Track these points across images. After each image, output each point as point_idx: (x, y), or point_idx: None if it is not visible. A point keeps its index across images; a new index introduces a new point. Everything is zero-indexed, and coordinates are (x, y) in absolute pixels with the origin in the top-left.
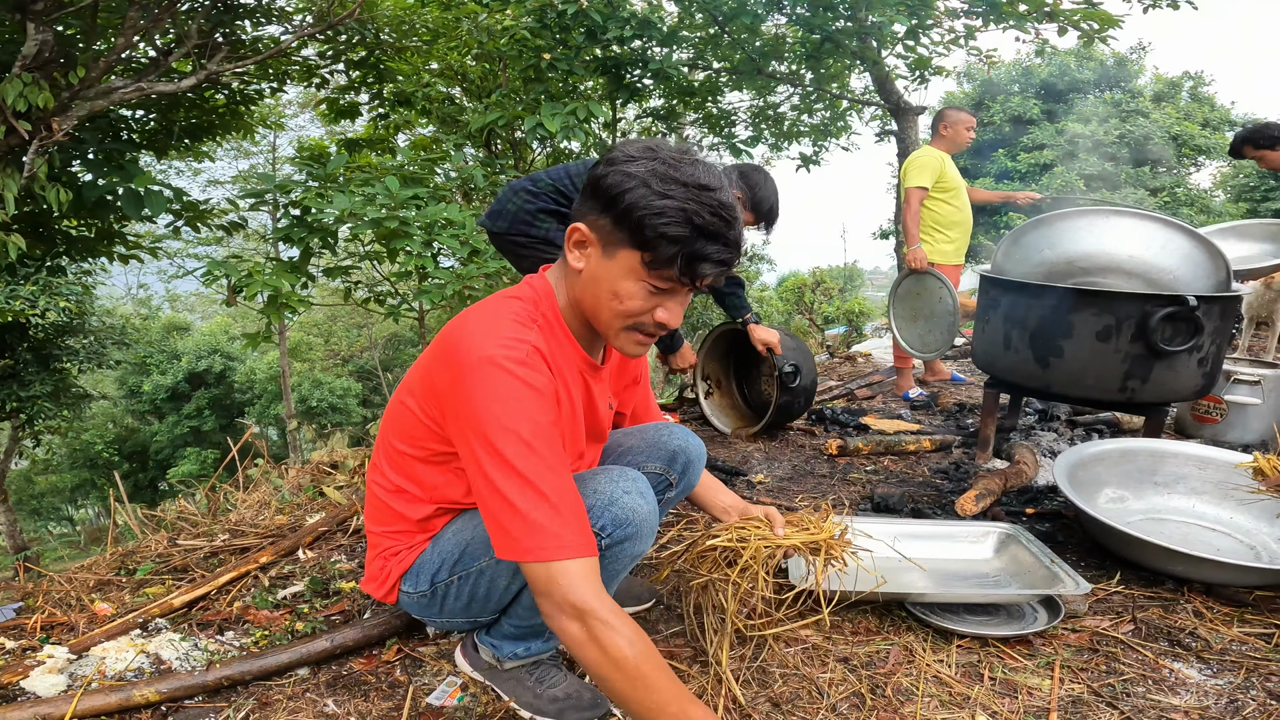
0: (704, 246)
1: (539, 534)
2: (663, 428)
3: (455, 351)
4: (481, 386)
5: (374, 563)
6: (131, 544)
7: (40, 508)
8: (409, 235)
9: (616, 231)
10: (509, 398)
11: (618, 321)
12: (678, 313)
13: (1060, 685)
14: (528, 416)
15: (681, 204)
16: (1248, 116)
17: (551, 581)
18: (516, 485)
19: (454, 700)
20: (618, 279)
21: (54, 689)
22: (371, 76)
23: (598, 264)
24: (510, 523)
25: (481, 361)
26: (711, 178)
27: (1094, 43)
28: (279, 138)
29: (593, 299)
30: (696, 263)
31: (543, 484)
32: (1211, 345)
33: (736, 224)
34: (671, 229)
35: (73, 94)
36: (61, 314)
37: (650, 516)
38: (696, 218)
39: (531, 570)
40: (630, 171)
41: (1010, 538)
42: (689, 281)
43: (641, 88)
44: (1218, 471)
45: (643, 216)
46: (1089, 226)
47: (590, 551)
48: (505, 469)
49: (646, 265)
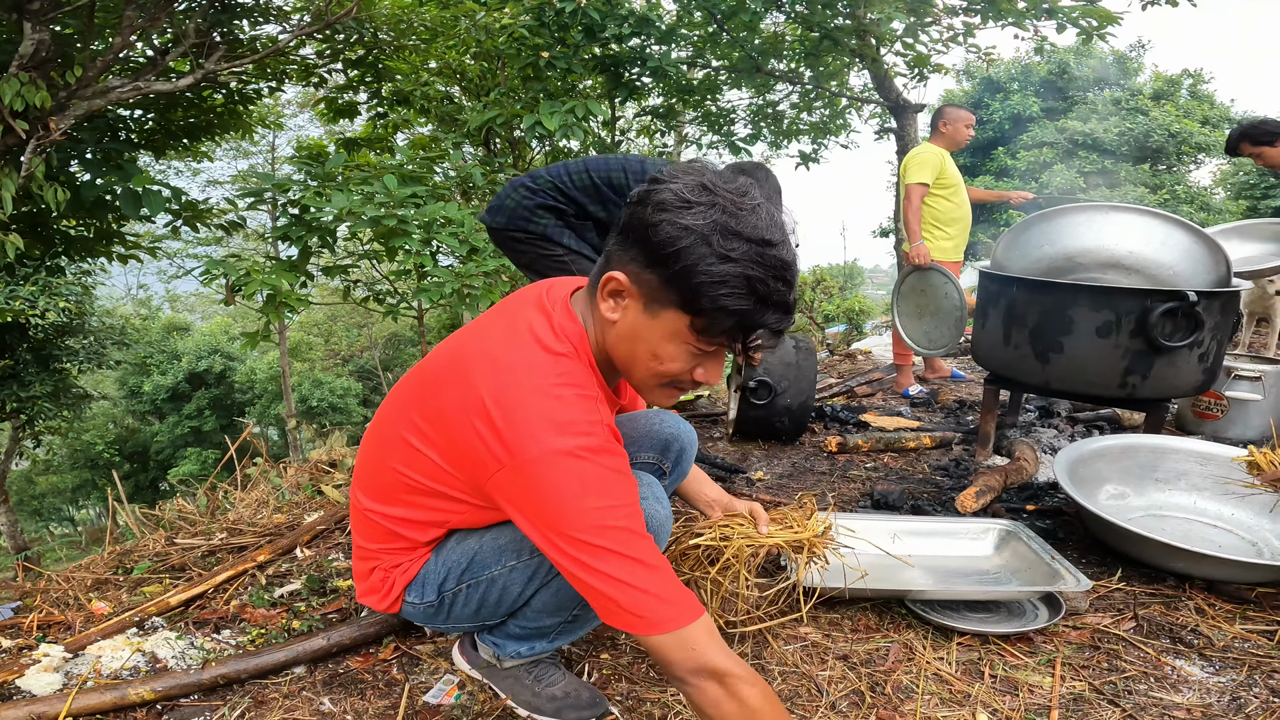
0: (764, 316)
1: (662, 606)
2: (654, 416)
3: (519, 438)
4: (567, 483)
5: (371, 575)
6: (129, 543)
7: (42, 508)
8: (407, 234)
9: (665, 291)
10: (605, 491)
11: (653, 380)
12: (717, 371)
13: (1061, 683)
14: (624, 502)
15: (745, 270)
16: (1247, 114)
17: (684, 649)
18: (626, 568)
19: (451, 698)
20: (660, 341)
21: (49, 687)
22: (370, 75)
23: (637, 319)
24: (629, 601)
25: (560, 454)
26: (774, 229)
27: (1093, 40)
28: (278, 137)
29: (628, 355)
30: (753, 330)
31: (648, 558)
32: (1212, 341)
33: (794, 282)
34: (733, 301)
35: (70, 93)
36: (61, 314)
37: (666, 521)
38: (760, 285)
39: (660, 641)
40: (688, 225)
41: (1011, 534)
42: (740, 348)
43: (640, 86)
44: (1219, 468)
45: (701, 284)
46: (1088, 222)
47: (702, 610)
48: (610, 557)
49: (695, 330)
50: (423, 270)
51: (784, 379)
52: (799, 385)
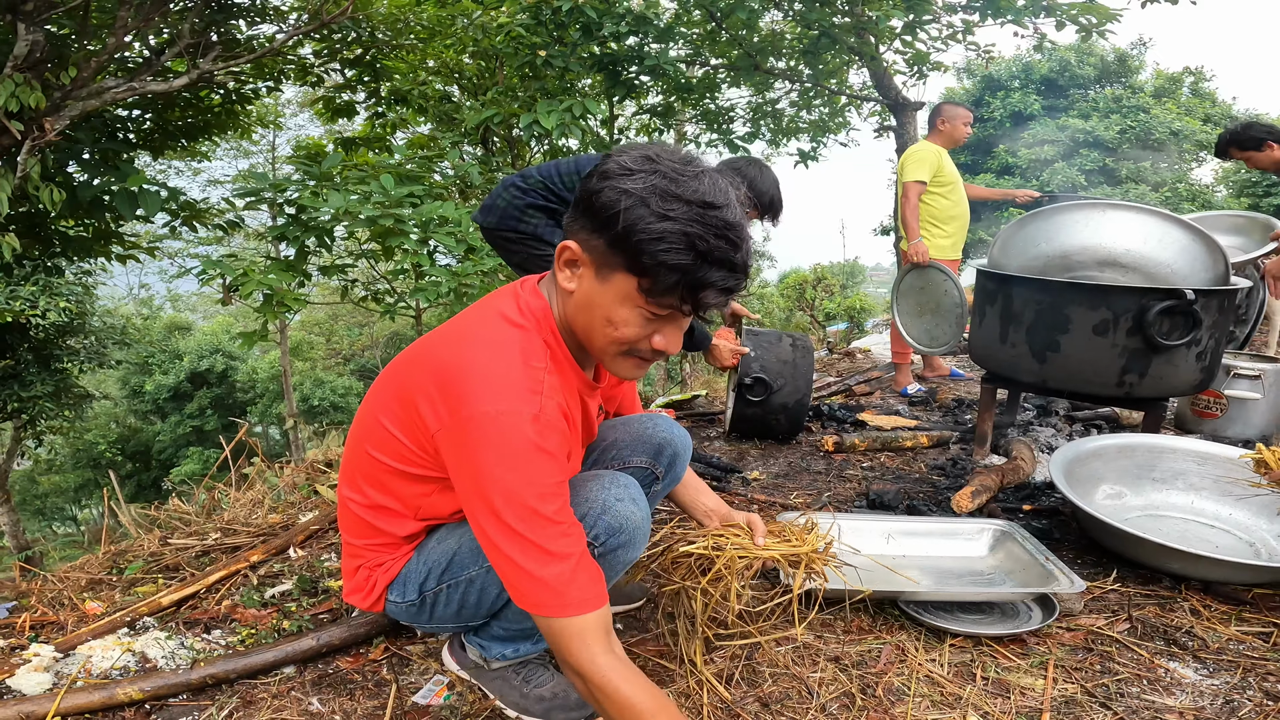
0: (708, 273)
1: (547, 592)
2: (647, 419)
3: (458, 398)
4: (488, 447)
5: (356, 573)
6: (125, 543)
7: (44, 508)
8: (405, 233)
9: (612, 254)
10: (520, 464)
11: (612, 348)
12: (676, 338)
13: (1054, 685)
14: (536, 481)
15: (684, 227)
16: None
17: (556, 637)
18: (520, 548)
19: (440, 699)
20: (612, 305)
21: (39, 687)
22: (367, 75)
23: (591, 287)
24: (519, 581)
25: (489, 418)
26: (717, 193)
27: (1092, 37)
28: (278, 137)
29: (585, 323)
30: (699, 290)
31: (551, 545)
32: (1210, 339)
33: (744, 245)
34: (672, 256)
35: (65, 94)
36: (62, 314)
37: (643, 523)
38: (700, 242)
39: (542, 623)
40: (627, 188)
41: (1006, 535)
42: (691, 309)
43: (638, 84)
44: (1217, 467)
45: (641, 241)
46: (1086, 220)
47: (597, 606)
48: (510, 535)
49: (644, 292)
50: (420, 269)
51: (780, 376)
52: (795, 383)
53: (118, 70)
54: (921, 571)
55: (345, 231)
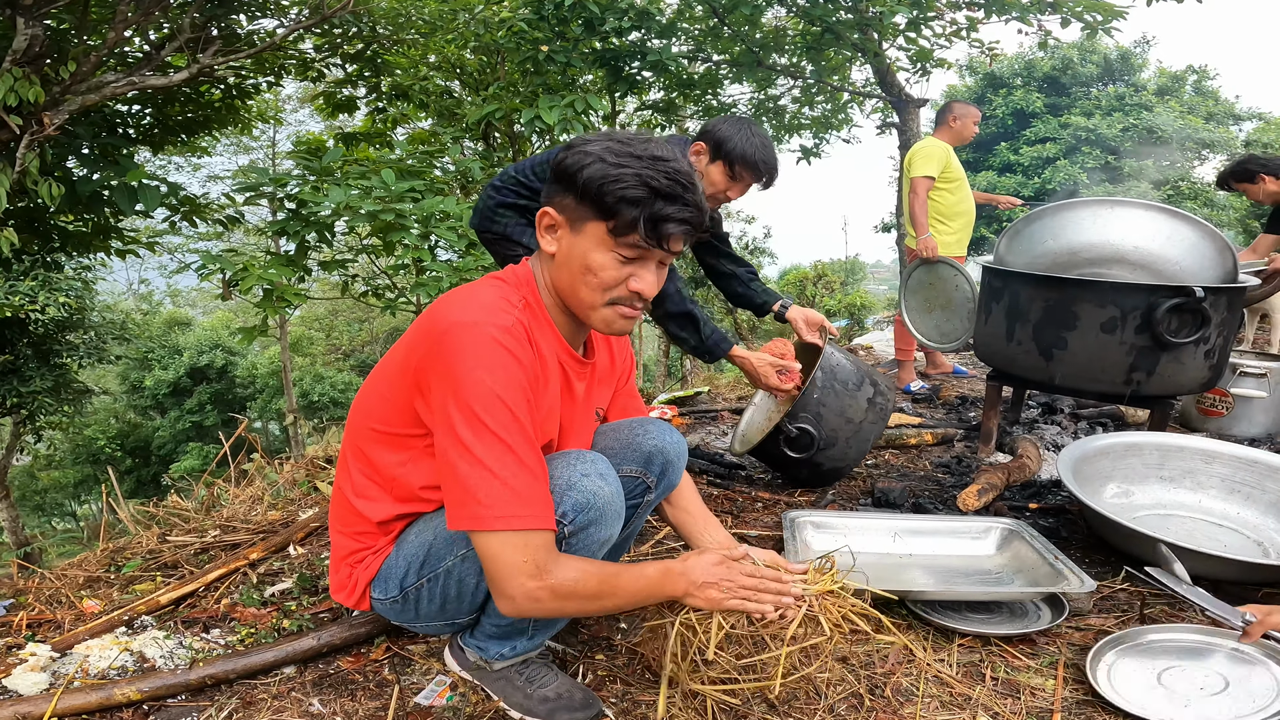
0: (663, 207)
1: (515, 502)
2: (638, 425)
3: (435, 320)
4: (464, 349)
5: (340, 570)
6: (123, 540)
7: (44, 503)
8: (405, 228)
9: (580, 207)
10: (495, 364)
11: (594, 296)
12: (652, 281)
13: (1064, 685)
14: (512, 383)
15: (637, 171)
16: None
17: (517, 550)
18: (495, 451)
19: (443, 700)
20: (588, 252)
21: (36, 687)
22: (368, 70)
23: (568, 242)
24: (482, 487)
25: (465, 325)
26: (665, 151)
27: (1097, 35)
28: (279, 133)
29: (568, 278)
30: (659, 224)
31: (521, 453)
32: (1218, 337)
33: (694, 189)
34: (629, 192)
35: (64, 88)
36: (61, 309)
37: (614, 499)
38: (653, 181)
39: (494, 543)
40: (587, 150)
41: (1013, 533)
42: (655, 243)
43: (640, 80)
44: (1224, 466)
45: (601, 185)
46: (1093, 217)
47: (553, 525)
48: (486, 433)
49: (612, 233)
50: (421, 264)
51: (835, 436)
52: (848, 450)
53: (117, 65)
54: (928, 571)
55: (346, 226)
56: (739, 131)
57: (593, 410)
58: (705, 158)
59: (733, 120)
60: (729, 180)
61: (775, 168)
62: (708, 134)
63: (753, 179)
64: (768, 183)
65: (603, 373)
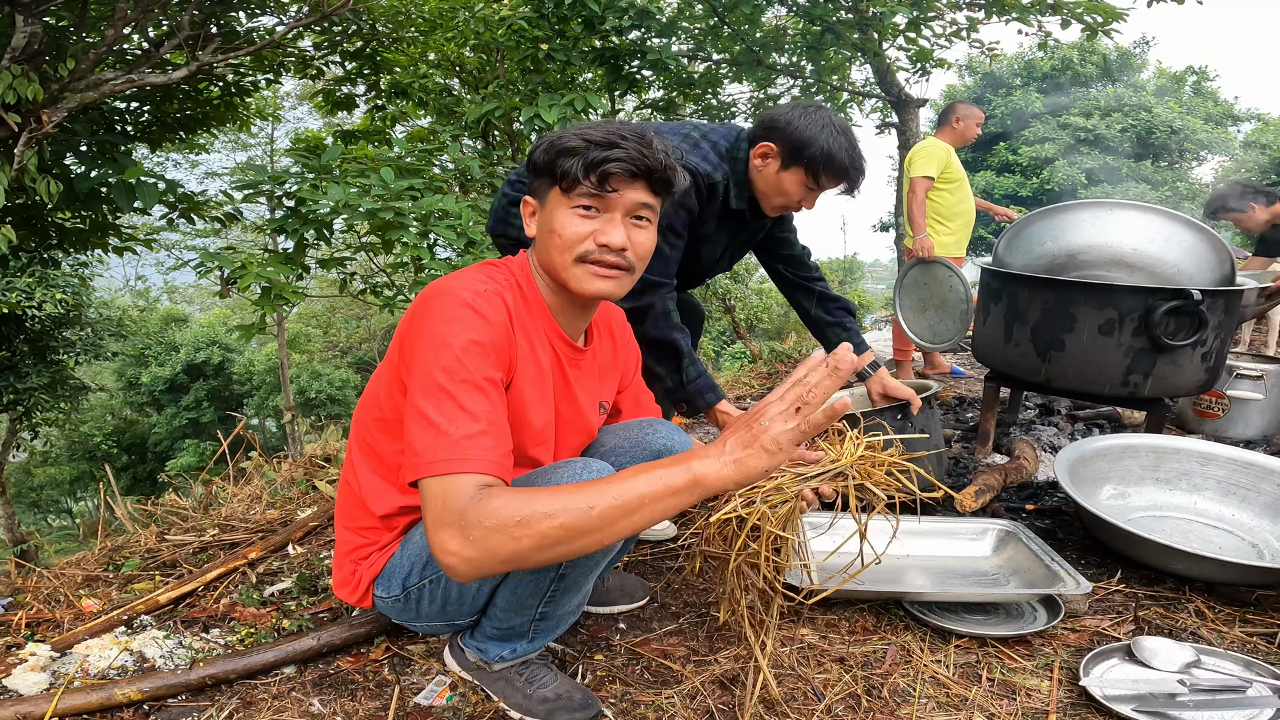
0: (600, 153)
1: (447, 447)
2: (646, 425)
3: (421, 297)
4: (433, 311)
5: (344, 567)
6: (121, 539)
7: (40, 500)
8: (404, 226)
9: (541, 181)
10: (454, 319)
11: (563, 256)
12: (620, 233)
13: (1059, 686)
14: (467, 334)
15: (577, 131)
16: (1251, 111)
17: (438, 496)
18: (435, 400)
19: (443, 700)
20: (552, 217)
21: (36, 687)
22: (368, 68)
23: (541, 218)
24: (420, 437)
25: (440, 292)
26: (618, 127)
27: (1097, 36)
28: (277, 130)
29: (545, 250)
30: (598, 165)
31: (464, 400)
32: (1215, 340)
33: (639, 143)
34: (566, 144)
35: (63, 86)
36: (58, 306)
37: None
38: (590, 134)
39: (429, 489)
40: (546, 136)
41: (1010, 535)
42: (599, 186)
43: (640, 79)
44: (1220, 468)
45: (545, 148)
46: (1092, 219)
47: (499, 474)
48: (430, 384)
49: (565, 192)
50: (420, 262)
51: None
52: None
53: (116, 62)
54: (925, 572)
55: (344, 224)
56: (821, 130)
57: (594, 404)
58: (775, 162)
59: (806, 112)
60: (807, 190)
61: (864, 169)
62: (777, 132)
63: (839, 188)
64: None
65: (605, 363)
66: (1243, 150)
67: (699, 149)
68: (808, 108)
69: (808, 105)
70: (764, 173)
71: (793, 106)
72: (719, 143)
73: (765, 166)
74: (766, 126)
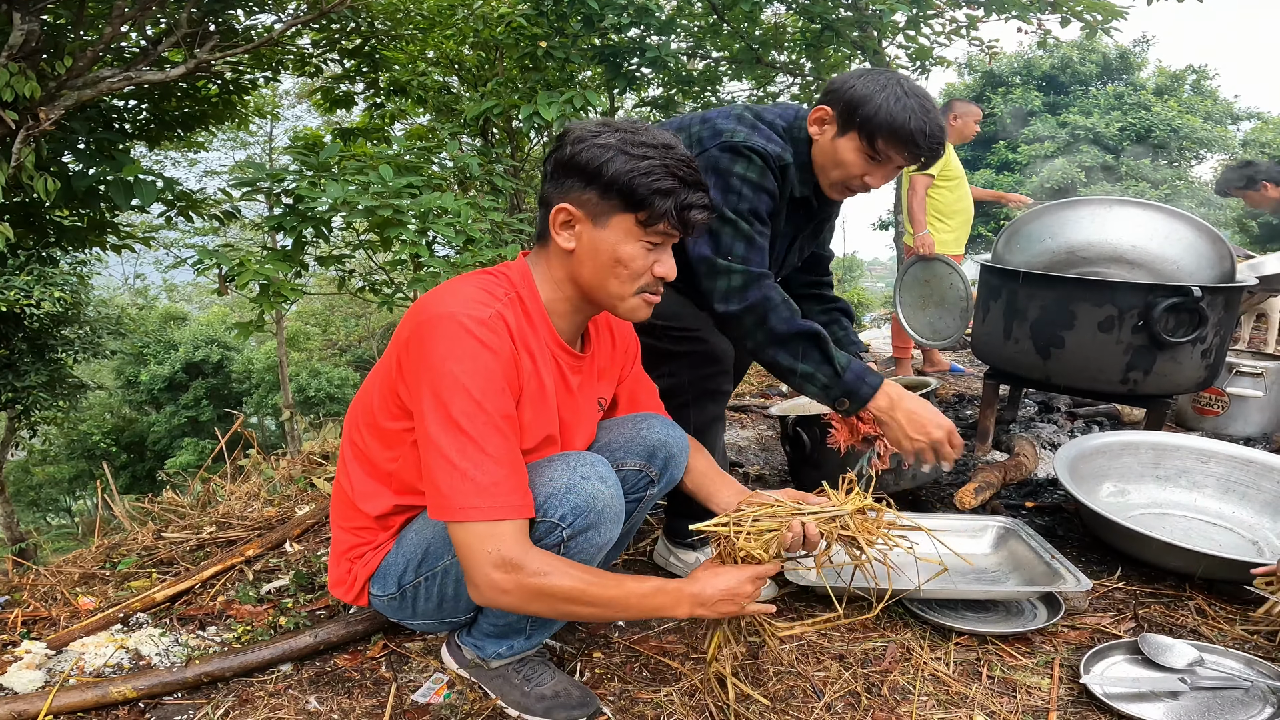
0: (689, 195)
1: (477, 494)
2: (641, 419)
3: (416, 312)
4: (438, 341)
5: (339, 565)
6: (118, 537)
7: (39, 499)
8: (403, 224)
9: (605, 200)
10: (464, 355)
11: (625, 287)
12: (673, 264)
13: (1060, 684)
14: (480, 374)
15: (661, 162)
16: (1251, 110)
17: (481, 541)
18: (458, 443)
19: (440, 697)
20: (617, 244)
21: (31, 685)
22: (366, 65)
23: (592, 235)
24: (446, 480)
25: (441, 316)
26: (669, 138)
27: (1097, 34)
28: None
29: (593, 271)
30: (687, 211)
31: (486, 444)
32: (1215, 337)
33: (701, 176)
34: (662, 184)
35: (60, 84)
36: (56, 304)
37: (613, 501)
38: (678, 171)
39: (461, 533)
40: (603, 144)
41: (1009, 532)
42: (682, 230)
43: (639, 77)
44: (1220, 465)
45: (631, 178)
46: (1091, 216)
47: (527, 514)
48: (450, 425)
49: (642, 224)
50: (418, 260)
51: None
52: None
53: (114, 60)
54: (925, 569)
55: (343, 222)
56: (882, 90)
57: (594, 403)
58: (831, 128)
59: (869, 73)
60: (868, 161)
61: (939, 139)
62: (833, 93)
63: (904, 158)
64: (928, 161)
65: (604, 364)
66: (1242, 149)
67: (759, 131)
68: (873, 70)
69: (875, 69)
70: (820, 141)
71: (859, 72)
72: (776, 122)
73: (822, 134)
74: (825, 90)
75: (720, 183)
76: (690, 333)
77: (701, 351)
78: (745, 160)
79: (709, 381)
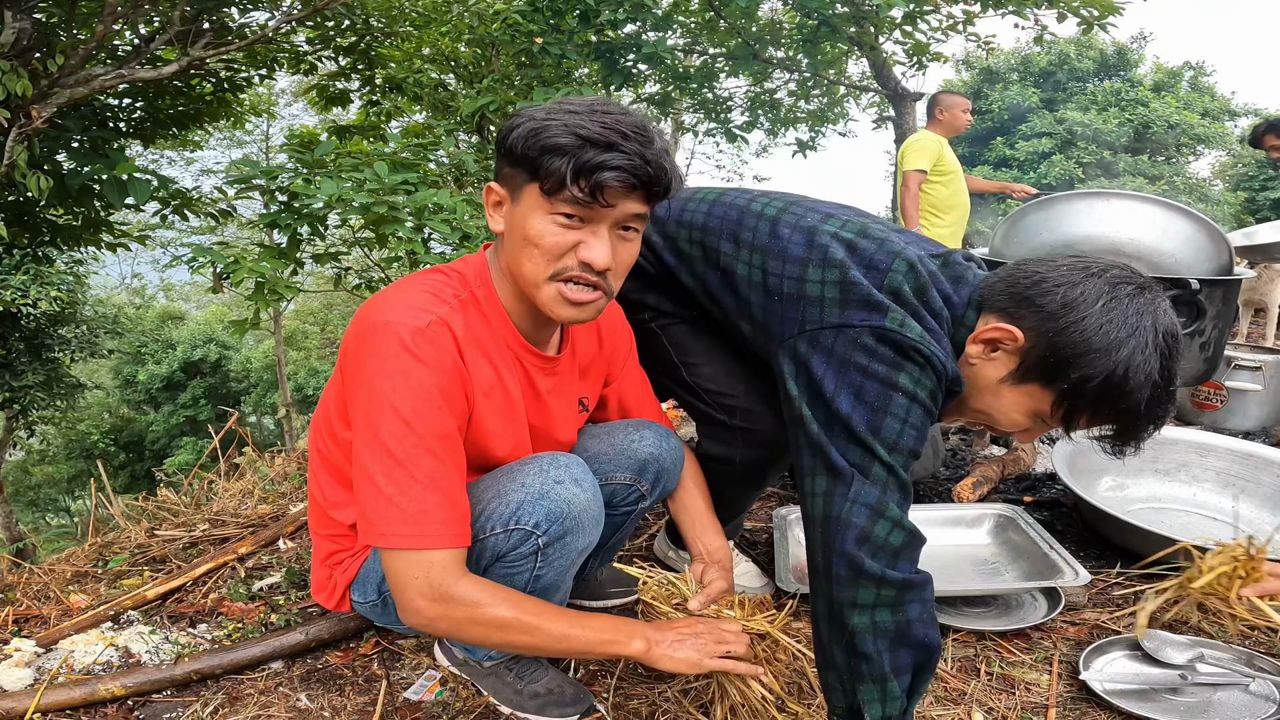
0: (595, 155)
1: (401, 521)
2: (633, 429)
3: (358, 319)
4: (370, 355)
5: (320, 570)
6: (111, 535)
7: (38, 499)
8: (399, 221)
9: (515, 172)
10: (395, 372)
11: (537, 270)
12: (604, 250)
13: (1059, 680)
14: (412, 393)
15: (564, 121)
16: (1248, 106)
17: (409, 568)
18: (384, 467)
19: (433, 695)
20: (526, 220)
21: (20, 683)
22: (362, 63)
23: (509, 214)
24: (370, 504)
25: (377, 327)
26: (615, 107)
27: (1093, 30)
28: (271, 127)
29: (513, 255)
30: (591, 172)
31: (414, 468)
32: (1213, 330)
33: (641, 139)
34: (553, 140)
35: (52, 82)
36: (53, 303)
37: (590, 504)
38: (581, 129)
39: (388, 559)
40: (526, 113)
41: (1008, 520)
42: (590, 196)
43: (636, 73)
44: (1219, 459)
45: (527, 138)
46: (1089, 209)
47: (459, 544)
48: (377, 448)
49: (545, 193)
50: (414, 257)
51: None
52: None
53: (107, 58)
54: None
55: (339, 219)
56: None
57: (573, 405)
58: (1007, 363)
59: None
60: (1041, 424)
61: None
62: (1034, 311)
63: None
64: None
65: (586, 360)
66: (1239, 145)
67: (923, 317)
68: (1112, 288)
69: (1100, 270)
70: (979, 368)
71: (1074, 265)
72: (942, 311)
73: (987, 363)
74: (1018, 296)
75: (875, 393)
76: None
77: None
78: (917, 369)
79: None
